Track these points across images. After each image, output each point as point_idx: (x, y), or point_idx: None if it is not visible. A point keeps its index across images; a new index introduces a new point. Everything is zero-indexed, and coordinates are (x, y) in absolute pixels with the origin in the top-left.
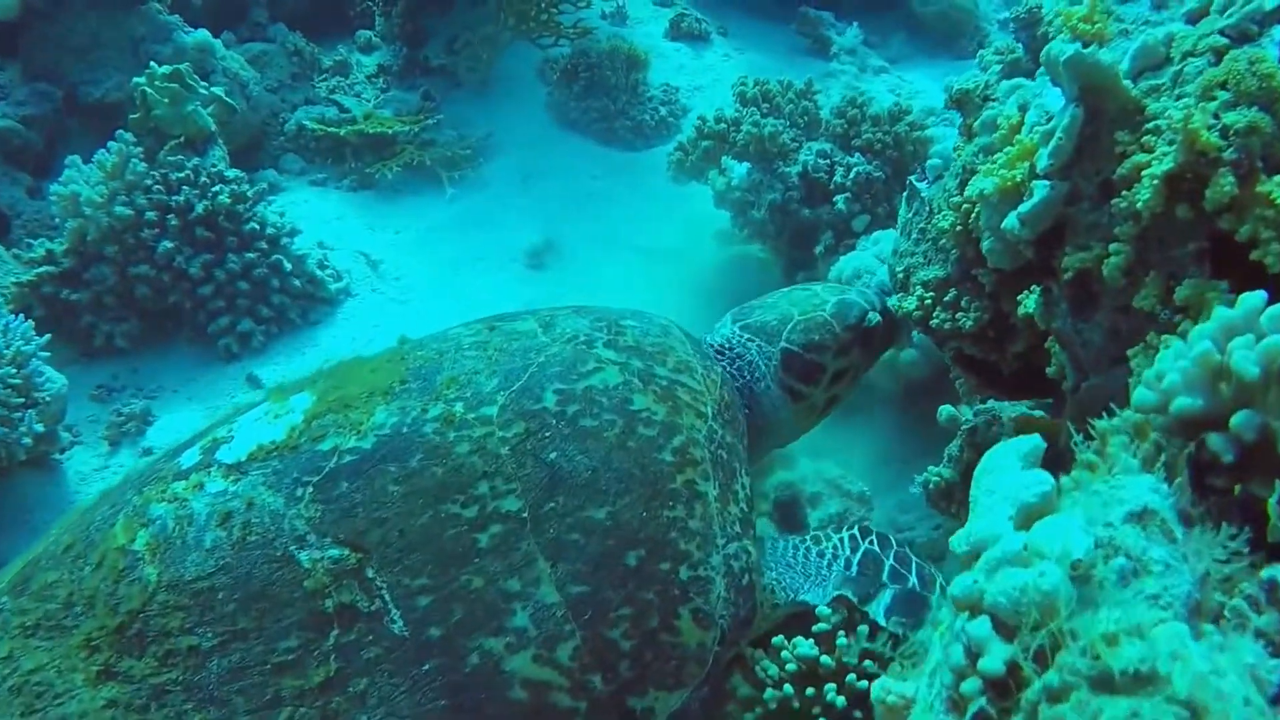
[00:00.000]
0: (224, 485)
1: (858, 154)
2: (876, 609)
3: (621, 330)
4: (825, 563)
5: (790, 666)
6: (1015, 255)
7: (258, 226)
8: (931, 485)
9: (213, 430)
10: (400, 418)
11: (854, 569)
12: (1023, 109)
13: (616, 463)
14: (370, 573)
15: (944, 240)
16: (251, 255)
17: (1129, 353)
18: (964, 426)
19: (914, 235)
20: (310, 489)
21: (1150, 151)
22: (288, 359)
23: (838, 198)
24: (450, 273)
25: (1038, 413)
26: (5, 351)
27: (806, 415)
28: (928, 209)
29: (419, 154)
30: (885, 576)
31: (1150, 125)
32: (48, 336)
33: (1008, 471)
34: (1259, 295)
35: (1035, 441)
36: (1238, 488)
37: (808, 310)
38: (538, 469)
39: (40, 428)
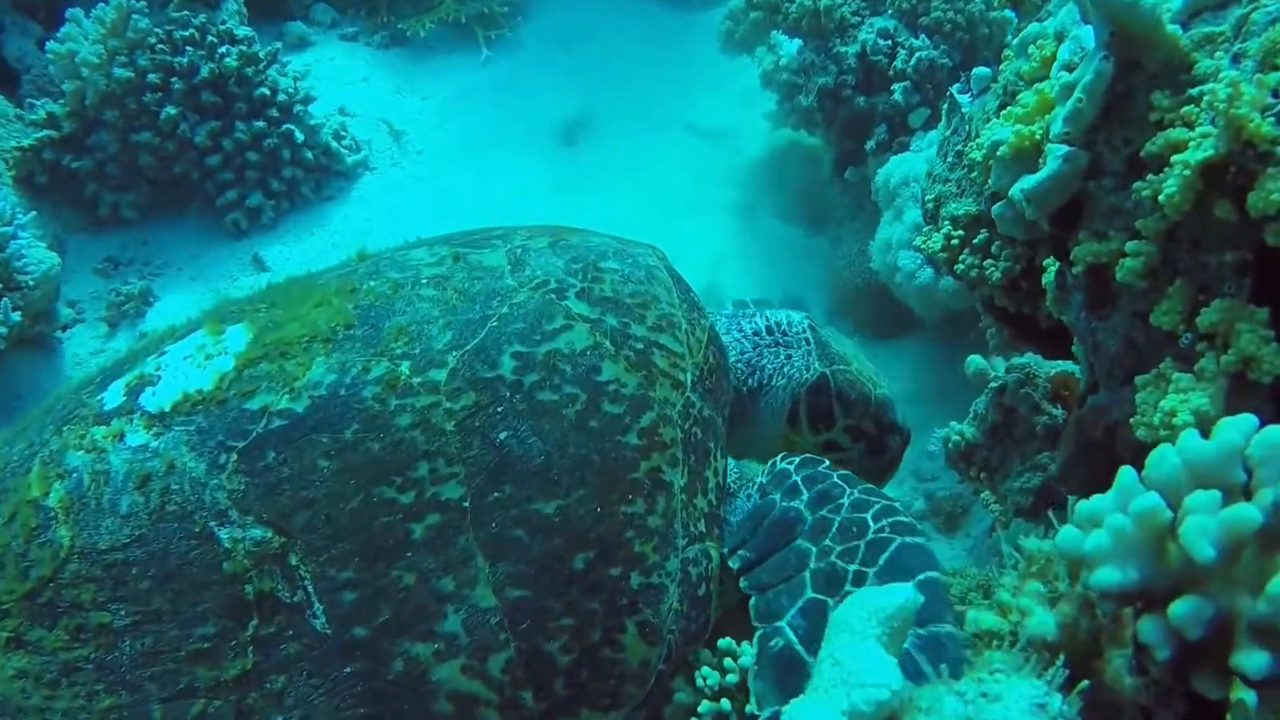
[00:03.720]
0: (145, 439)
1: (923, 35)
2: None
3: (599, 275)
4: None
5: (731, 678)
6: (1028, 228)
7: (268, 92)
8: (951, 444)
9: (142, 360)
10: (339, 376)
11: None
12: (1059, 37)
13: (573, 447)
14: (294, 560)
15: (977, 172)
16: (261, 124)
17: (1138, 380)
18: (992, 384)
19: (950, 158)
20: (234, 456)
21: (1191, 128)
22: (296, 239)
23: (896, 86)
24: (477, 147)
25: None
26: None
27: (781, 449)
28: (967, 128)
29: (456, 9)
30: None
31: (1196, 91)
32: (33, 214)
33: (861, 640)
34: (1247, 421)
35: (905, 598)
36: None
37: (865, 376)
38: (485, 451)
39: (17, 317)
